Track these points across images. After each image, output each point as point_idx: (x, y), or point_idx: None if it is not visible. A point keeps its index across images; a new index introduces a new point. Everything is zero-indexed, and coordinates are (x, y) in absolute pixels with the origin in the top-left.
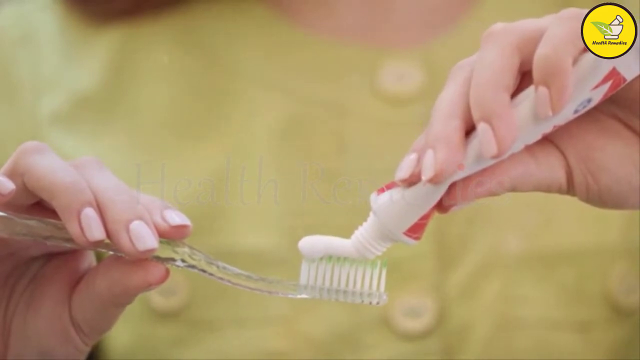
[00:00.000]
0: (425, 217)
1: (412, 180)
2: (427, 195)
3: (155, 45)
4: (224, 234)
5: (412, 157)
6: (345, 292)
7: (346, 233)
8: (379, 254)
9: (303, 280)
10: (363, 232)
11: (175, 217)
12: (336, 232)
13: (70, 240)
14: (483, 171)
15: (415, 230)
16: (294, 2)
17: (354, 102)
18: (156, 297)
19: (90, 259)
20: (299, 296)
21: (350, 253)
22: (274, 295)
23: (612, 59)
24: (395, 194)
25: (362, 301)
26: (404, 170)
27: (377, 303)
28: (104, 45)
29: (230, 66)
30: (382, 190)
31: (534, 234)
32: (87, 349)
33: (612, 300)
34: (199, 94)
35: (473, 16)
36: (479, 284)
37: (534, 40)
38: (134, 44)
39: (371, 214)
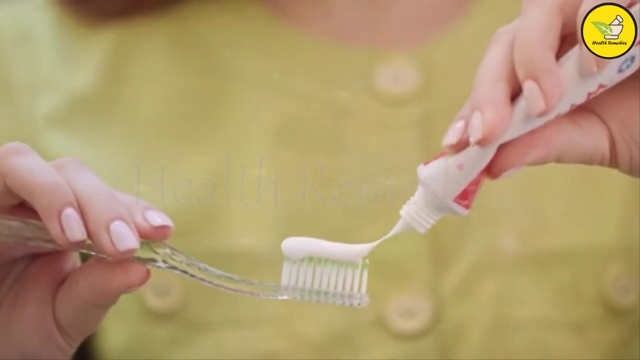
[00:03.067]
0: (475, 183)
1: (459, 147)
2: (475, 159)
3: (151, 46)
4: (223, 234)
5: (459, 124)
6: (326, 293)
7: (344, 234)
8: (429, 226)
9: (284, 281)
10: (412, 205)
11: (157, 218)
12: (334, 233)
13: (51, 241)
14: (531, 134)
15: (465, 197)
16: (290, 3)
17: (351, 102)
18: (151, 298)
19: (74, 259)
20: (280, 298)
21: (336, 254)
22: (256, 297)
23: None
24: (442, 162)
25: (343, 302)
26: (451, 135)
27: (359, 304)
28: (100, 46)
29: (226, 67)
30: (428, 162)
31: (529, 234)
32: (71, 350)
33: (608, 301)
34: (195, 95)
35: (470, 17)
36: (474, 284)
37: (575, 2)
38: (129, 44)
39: (419, 186)
